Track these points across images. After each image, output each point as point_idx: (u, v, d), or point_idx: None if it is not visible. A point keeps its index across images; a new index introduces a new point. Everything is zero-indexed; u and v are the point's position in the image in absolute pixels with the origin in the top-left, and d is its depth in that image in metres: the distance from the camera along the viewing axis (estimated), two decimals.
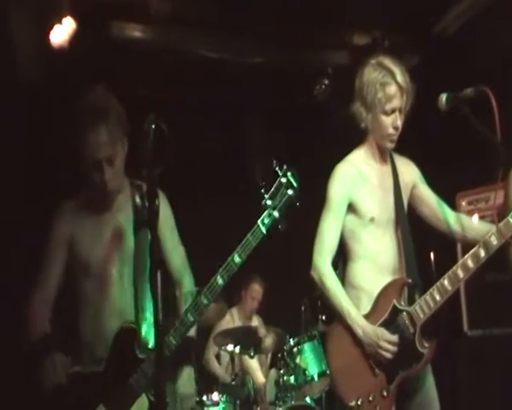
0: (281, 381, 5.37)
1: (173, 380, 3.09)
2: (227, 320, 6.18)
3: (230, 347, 5.37)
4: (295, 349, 5.39)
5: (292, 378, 5.34)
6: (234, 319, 6.38)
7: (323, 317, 5.61)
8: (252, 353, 5.42)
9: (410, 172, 3.45)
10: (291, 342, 5.42)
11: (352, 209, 3.26)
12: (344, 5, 5.30)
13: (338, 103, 3.47)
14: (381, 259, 3.24)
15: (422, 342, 3.14)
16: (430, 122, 4.36)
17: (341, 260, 3.35)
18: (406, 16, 5.42)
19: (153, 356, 2.61)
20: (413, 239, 3.31)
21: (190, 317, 2.78)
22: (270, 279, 6.49)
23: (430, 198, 3.42)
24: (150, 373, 2.71)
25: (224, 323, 6.07)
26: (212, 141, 6.51)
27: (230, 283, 2.82)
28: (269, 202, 2.85)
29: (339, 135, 4.13)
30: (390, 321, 3.14)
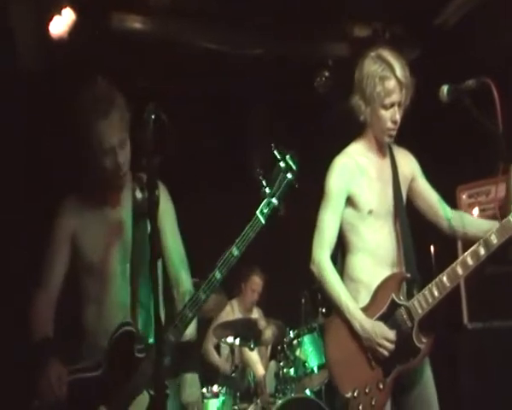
0: (280, 373, 5.38)
1: (175, 375, 3.05)
2: (227, 312, 6.17)
3: (230, 339, 5.37)
4: (295, 342, 5.40)
5: (292, 371, 5.36)
6: (234, 311, 6.37)
7: (323, 309, 5.61)
8: (252, 345, 5.42)
9: (409, 164, 3.44)
10: (291, 334, 5.43)
11: (351, 202, 3.26)
12: None
13: (338, 96, 3.44)
14: (380, 252, 3.24)
15: (420, 337, 3.14)
16: (430, 114, 4.35)
17: (340, 252, 3.34)
18: (407, 8, 5.40)
19: (152, 355, 2.58)
20: (413, 232, 3.30)
21: (189, 313, 2.75)
22: (270, 272, 6.48)
23: (428, 193, 3.42)
24: (150, 373, 2.69)
25: (224, 315, 6.06)
26: (212, 132, 6.49)
27: (230, 275, 2.79)
28: (267, 190, 2.82)
29: (338, 127, 4.11)
30: (388, 315, 3.13)
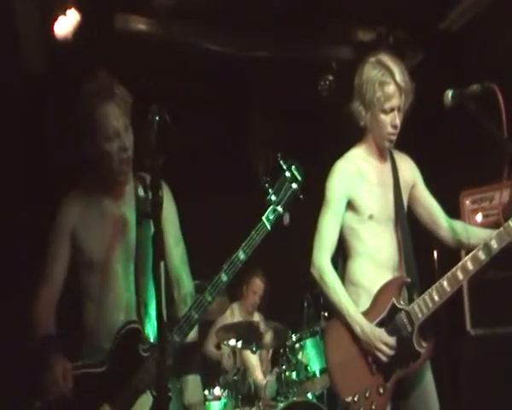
0: (283, 377, 5.36)
1: (177, 377, 3.05)
2: (226, 316, 6.15)
3: (233, 341, 5.35)
4: (297, 345, 5.39)
5: (294, 374, 5.34)
6: (234, 315, 6.36)
7: (326, 313, 5.59)
8: (254, 348, 5.40)
9: (410, 170, 3.44)
10: (293, 337, 5.42)
11: (351, 206, 3.26)
12: (349, 1, 5.28)
13: (342, 99, 3.44)
14: (381, 256, 3.23)
15: (420, 341, 3.13)
16: (435, 119, 4.34)
17: (341, 257, 3.34)
18: (411, 13, 5.40)
19: (156, 354, 2.59)
20: (416, 237, 3.30)
21: (195, 314, 2.77)
22: (272, 275, 6.47)
23: (429, 200, 3.42)
24: (154, 372, 2.69)
25: (225, 318, 6.06)
26: (214, 133, 6.49)
27: (232, 278, 2.80)
28: (273, 198, 2.86)
29: (340, 131, 4.10)
30: (388, 319, 3.13)
